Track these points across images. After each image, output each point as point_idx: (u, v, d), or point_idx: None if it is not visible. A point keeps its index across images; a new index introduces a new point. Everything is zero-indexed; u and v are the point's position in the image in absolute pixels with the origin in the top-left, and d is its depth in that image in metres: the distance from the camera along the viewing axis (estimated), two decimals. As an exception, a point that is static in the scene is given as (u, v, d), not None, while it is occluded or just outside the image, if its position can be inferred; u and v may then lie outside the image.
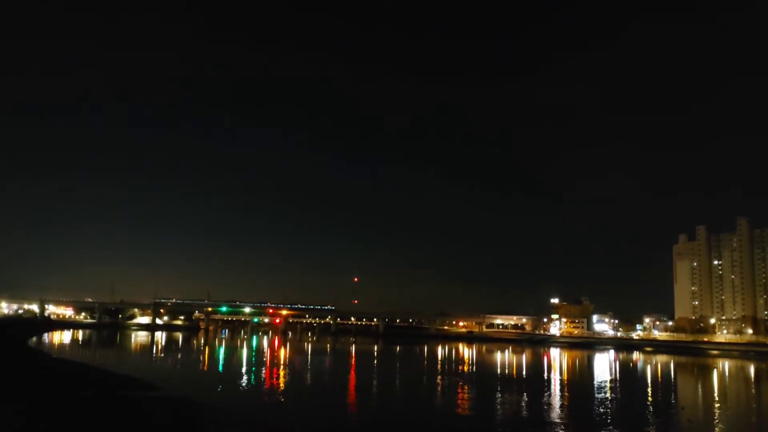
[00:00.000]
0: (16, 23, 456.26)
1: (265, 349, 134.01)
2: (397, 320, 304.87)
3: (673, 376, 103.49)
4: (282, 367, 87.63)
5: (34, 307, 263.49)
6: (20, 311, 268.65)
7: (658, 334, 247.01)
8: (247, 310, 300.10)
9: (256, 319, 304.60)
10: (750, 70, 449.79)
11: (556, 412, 49.44)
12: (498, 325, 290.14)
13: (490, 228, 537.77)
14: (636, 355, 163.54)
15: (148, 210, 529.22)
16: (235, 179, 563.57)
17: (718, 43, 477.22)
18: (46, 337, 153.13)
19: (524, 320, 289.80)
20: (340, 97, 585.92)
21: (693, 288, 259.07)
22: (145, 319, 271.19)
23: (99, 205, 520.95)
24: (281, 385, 64.19)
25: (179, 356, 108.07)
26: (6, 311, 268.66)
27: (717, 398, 69.42)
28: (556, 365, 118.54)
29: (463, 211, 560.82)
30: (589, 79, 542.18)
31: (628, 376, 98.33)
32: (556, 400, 58.97)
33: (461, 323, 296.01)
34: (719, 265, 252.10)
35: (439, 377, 79.97)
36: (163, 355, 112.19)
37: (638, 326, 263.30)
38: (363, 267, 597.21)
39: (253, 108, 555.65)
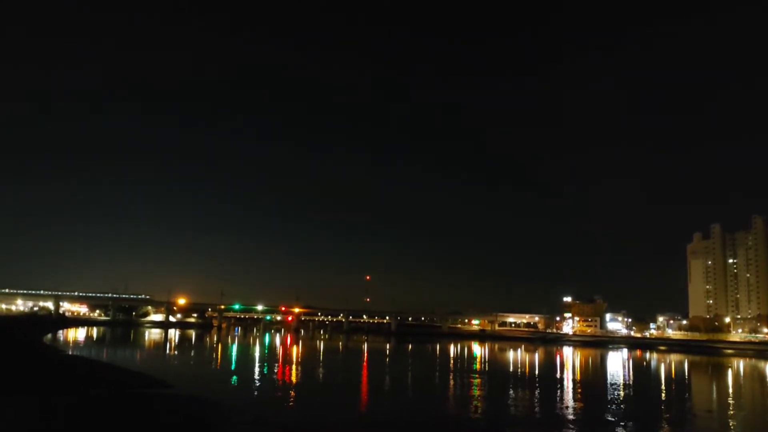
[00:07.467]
0: (19, 23, 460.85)
1: (278, 347, 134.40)
2: (410, 319, 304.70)
3: (686, 375, 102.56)
4: (294, 365, 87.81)
5: (49, 305, 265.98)
6: (35, 308, 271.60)
7: (672, 333, 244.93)
8: (259, 308, 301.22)
9: (268, 317, 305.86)
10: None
11: (569, 413, 49.16)
12: (510, 323, 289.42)
13: (503, 227, 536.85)
14: (649, 354, 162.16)
15: (162, 208, 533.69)
16: (248, 179, 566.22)
17: (731, 43, 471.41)
18: (60, 334, 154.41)
19: (537, 319, 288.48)
20: (352, 96, 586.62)
21: (707, 287, 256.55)
22: (159, 317, 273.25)
23: (113, 204, 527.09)
24: (294, 383, 64.28)
25: (192, 354, 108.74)
26: (21, 308, 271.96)
27: (731, 397, 68.62)
28: (569, 364, 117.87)
29: (476, 210, 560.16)
30: (605, 79, 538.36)
31: (641, 375, 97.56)
32: (569, 400, 58.61)
33: (474, 322, 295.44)
34: (734, 263, 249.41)
35: (452, 376, 79.78)
36: (176, 352, 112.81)
37: (652, 325, 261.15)
38: (375, 265, 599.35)
39: (263, 108, 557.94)
